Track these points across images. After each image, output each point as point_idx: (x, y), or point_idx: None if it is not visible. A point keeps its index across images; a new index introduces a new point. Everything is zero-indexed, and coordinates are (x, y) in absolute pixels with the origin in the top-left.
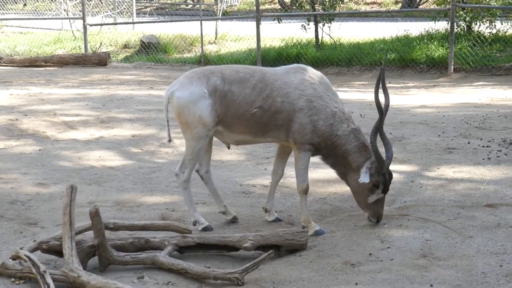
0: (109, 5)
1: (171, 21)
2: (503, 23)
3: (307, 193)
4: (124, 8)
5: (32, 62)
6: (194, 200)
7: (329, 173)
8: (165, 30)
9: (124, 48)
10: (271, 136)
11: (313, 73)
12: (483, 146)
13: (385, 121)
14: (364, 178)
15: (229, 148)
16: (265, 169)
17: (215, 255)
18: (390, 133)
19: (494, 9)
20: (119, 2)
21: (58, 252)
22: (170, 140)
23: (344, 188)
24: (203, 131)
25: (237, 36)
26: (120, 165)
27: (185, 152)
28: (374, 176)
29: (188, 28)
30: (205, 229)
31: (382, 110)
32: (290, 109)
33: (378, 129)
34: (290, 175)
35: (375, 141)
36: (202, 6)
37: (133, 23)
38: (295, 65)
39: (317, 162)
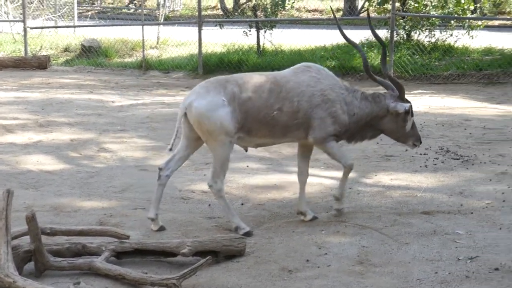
0: (50, 8)
1: (112, 25)
2: (442, 32)
3: (350, 171)
4: (66, 12)
5: None
6: (231, 206)
7: (268, 179)
8: (107, 34)
9: (65, 51)
10: (291, 136)
11: (317, 69)
12: (421, 154)
13: None
14: (401, 106)
15: (246, 151)
16: (204, 174)
17: (153, 261)
18: None
19: (433, 18)
20: (61, 5)
21: None
22: (171, 149)
23: (282, 194)
24: (227, 138)
25: (179, 41)
26: (58, 169)
27: (213, 161)
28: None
29: (129, 33)
30: (247, 234)
31: (383, 41)
32: (307, 107)
33: (385, 59)
34: (229, 180)
35: (387, 69)
36: (144, 10)
37: (74, 26)
38: (299, 64)
39: (256, 168)
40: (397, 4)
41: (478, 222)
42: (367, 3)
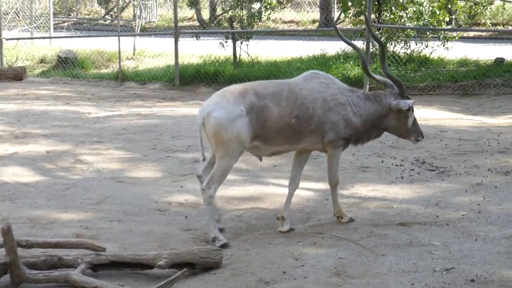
0: (26, 19)
1: (88, 36)
2: (418, 43)
3: (338, 186)
4: (42, 23)
5: None
6: (215, 217)
7: (245, 190)
8: (83, 45)
9: (41, 63)
10: (305, 142)
11: (324, 75)
12: (397, 165)
13: None
14: (404, 103)
15: (261, 160)
16: (181, 186)
17: (129, 273)
18: None
19: (408, 30)
20: (36, 16)
21: None
22: (204, 159)
23: (259, 206)
24: (239, 148)
25: (155, 53)
26: (34, 181)
27: (215, 167)
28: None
29: (106, 44)
30: (224, 246)
31: (382, 43)
32: (321, 112)
33: (384, 58)
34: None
35: (387, 68)
36: (120, 22)
37: (50, 37)
38: (307, 72)
39: (233, 180)
40: (373, 16)
41: (454, 234)
42: (342, 15)
